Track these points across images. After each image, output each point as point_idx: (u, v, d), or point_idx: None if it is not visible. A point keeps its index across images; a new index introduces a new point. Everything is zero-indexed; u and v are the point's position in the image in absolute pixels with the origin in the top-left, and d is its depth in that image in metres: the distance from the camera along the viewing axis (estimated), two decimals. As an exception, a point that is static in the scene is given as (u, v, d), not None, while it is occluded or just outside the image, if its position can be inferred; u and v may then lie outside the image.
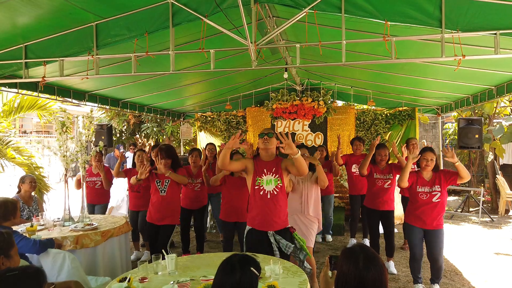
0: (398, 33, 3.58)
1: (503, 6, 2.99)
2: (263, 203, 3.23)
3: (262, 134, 3.28)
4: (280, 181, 3.23)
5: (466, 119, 7.84)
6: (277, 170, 3.24)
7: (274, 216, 3.22)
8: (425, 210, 3.95)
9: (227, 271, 1.66)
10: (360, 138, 6.15)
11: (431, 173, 4.01)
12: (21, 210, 4.60)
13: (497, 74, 4.89)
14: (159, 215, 4.31)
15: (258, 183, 3.26)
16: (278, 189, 3.23)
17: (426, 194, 3.94)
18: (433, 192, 3.92)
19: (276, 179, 3.23)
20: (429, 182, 3.96)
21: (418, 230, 4.02)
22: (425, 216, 3.95)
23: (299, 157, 3.04)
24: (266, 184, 3.23)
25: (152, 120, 11.26)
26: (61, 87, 5.55)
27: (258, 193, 3.26)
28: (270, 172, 3.25)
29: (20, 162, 6.56)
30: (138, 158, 5.42)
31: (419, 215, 3.99)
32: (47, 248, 3.29)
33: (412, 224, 4.05)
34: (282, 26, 3.65)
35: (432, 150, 4.02)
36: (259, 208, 3.25)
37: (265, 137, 3.25)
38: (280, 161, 3.29)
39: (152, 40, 3.80)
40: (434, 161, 3.96)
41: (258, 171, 3.28)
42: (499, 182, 8.87)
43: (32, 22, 3.54)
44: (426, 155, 3.97)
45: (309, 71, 7.33)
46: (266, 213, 3.23)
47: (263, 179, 3.25)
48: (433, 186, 3.94)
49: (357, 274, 1.51)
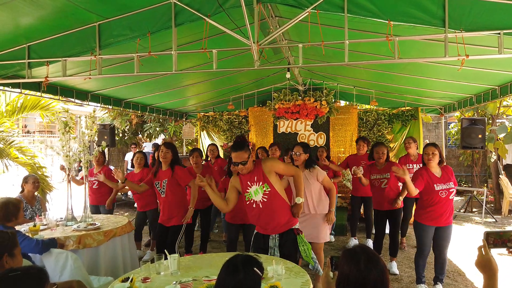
0: (401, 33, 3.56)
1: (507, 6, 2.97)
2: (258, 213, 3.19)
3: (235, 163, 3.12)
4: (266, 187, 3.14)
5: (469, 119, 7.82)
6: (260, 177, 3.15)
7: (272, 222, 3.19)
8: (442, 208, 3.91)
9: (230, 271, 1.65)
10: (365, 138, 6.13)
11: (439, 169, 3.97)
12: (24, 210, 4.61)
13: (500, 74, 4.86)
14: (166, 217, 4.31)
15: (248, 198, 3.21)
16: (267, 195, 3.14)
17: (445, 191, 3.90)
18: (450, 189, 3.90)
19: (261, 187, 3.15)
20: (441, 179, 3.92)
21: (431, 229, 3.99)
22: (441, 214, 3.92)
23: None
24: (254, 195, 3.17)
25: (155, 120, 11.27)
26: (64, 87, 5.56)
27: (251, 206, 3.22)
28: (253, 182, 3.17)
29: (23, 162, 6.59)
30: (137, 160, 5.44)
31: (435, 213, 3.93)
32: (50, 248, 3.30)
33: (426, 223, 3.99)
34: (284, 26, 3.65)
35: (433, 145, 4.01)
36: (257, 218, 3.24)
37: (239, 166, 3.11)
38: (260, 164, 3.19)
39: (155, 40, 3.80)
40: (438, 155, 3.93)
41: (244, 187, 3.22)
42: (502, 182, 8.83)
43: (35, 22, 3.54)
44: (427, 150, 3.95)
45: (311, 71, 7.31)
46: (264, 220, 3.21)
47: (250, 193, 3.19)
48: (447, 182, 3.91)
49: (358, 275, 1.51)
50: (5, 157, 6.45)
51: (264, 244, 3.24)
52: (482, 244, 1.63)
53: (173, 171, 4.21)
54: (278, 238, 3.20)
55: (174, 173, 4.21)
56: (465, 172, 11.61)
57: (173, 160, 4.25)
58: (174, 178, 4.22)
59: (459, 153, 11.62)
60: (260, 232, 3.30)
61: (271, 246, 3.20)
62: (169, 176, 4.22)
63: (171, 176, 4.21)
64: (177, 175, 4.21)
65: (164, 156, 4.20)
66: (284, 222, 3.20)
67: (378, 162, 4.85)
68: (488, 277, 1.59)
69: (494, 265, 1.58)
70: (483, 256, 1.60)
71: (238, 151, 3.09)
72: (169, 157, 4.22)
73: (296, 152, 4.03)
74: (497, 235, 1.66)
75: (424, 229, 4.03)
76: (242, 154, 3.09)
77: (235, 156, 3.10)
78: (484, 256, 1.60)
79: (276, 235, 3.21)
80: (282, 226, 3.20)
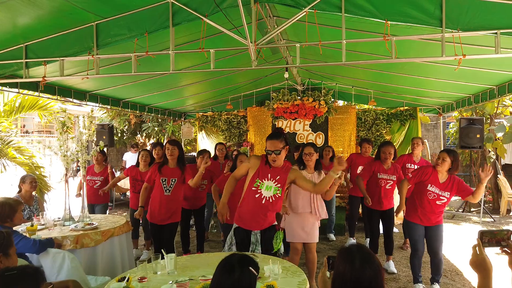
0: (399, 33, 3.57)
1: (503, 6, 2.98)
2: (256, 206, 3.17)
3: (269, 151, 3.11)
4: (279, 191, 3.15)
5: (467, 119, 7.84)
6: (281, 179, 3.14)
7: (261, 220, 3.20)
8: (427, 209, 3.94)
9: (226, 270, 1.65)
10: (370, 141, 6.14)
11: (447, 176, 3.93)
12: (22, 210, 4.61)
13: (498, 73, 4.87)
14: (163, 216, 4.31)
15: (256, 185, 3.17)
16: (274, 198, 3.15)
17: (434, 195, 3.92)
18: (441, 196, 3.91)
19: (277, 187, 3.14)
20: (442, 185, 3.92)
21: (419, 227, 4.03)
22: (427, 215, 3.96)
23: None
24: (265, 189, 3.15)
25: (153, 120, 11.26)
26: (62, 87, 5.55)
27: (253, 195, 3.18)
28: (273, 179, 3.15)
29: (21, 161, 6.58)
30: (142, 158, 5.42)
31: (420, 214, 3.99)
32: (47, 247, 3.29)
33: (414, 221, 4.05)
34: (281, 26, 3.65)
35: (448, 152, 3.91)
36: (250, 209, 3.21)
37: (272, 155, 3.10)
38: (288, 171, 3.18)
39: (152, 40, 3.80)
40: (449, 162, 3.86)
41: (261, 173, 3.18)
42: (500, 182, 8.84)
43: (33, 22, 3.54)
44: (441, 155, 3.91)
45: (310, 71, 7.32)
46: (255, 216, 3.20)
47: (263, 183, 3.16)
48: (443, 191, 3.91)
49: (353, 274, 1.51)
50: (3, 157, 6.45)
51: (246, 239, 3.23)
52: (477, 243, 1.62)
53: (183, 170, 4.26)
54: (260, 234, 3.21)
55: (185, 171, 4.26)
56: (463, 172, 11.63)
57: (180, 156, 4.28)
58: (182, 177, 4.28)
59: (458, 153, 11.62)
60: (241, 227, 3.27)
61: (253, 242, 3.20)
62: (178, 175, 4.27)
63: (181, 175, 4.26)
64: (188, 173, 4.29)
65: (171, 153, 4.23)
66: (269, 221, 3.25)
67: (384, 162, 4.86)
68: (482, 277, 1.59)
69: (489, 264, 1.58)
70: (478, 256, 1.60)
71: (274, 139, 3.12)
72: (176, 154, 4.25)
73: (309, 152, 4.01)
74: (492, 234, 1.67)
75: (412, 227, 4.08)
76: (277, 143, 3.10)
77: (269, 144, 3.12)
78: (479, 256, 1.60)
79: (258, 231, 3.21)
80: (266, 224, 3.23)
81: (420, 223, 4.01)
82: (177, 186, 4.30)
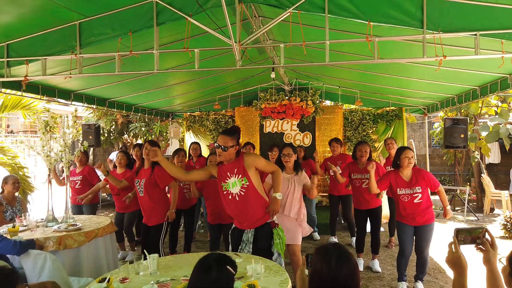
0: (381, 34, 3.61)
1: (483, 8, 3.04)
2: (234, 205, 3.19)
3: (217, 145, 3.13)
4: (245, 180, 3.13)
5: (452, 119, 7.96)
6: (240, 170, 3.13)
7: (248, 216, 3.20)
8: (410, 210, 3.97)
9: (203, 270, 1.66)
10: (338, 140, 6.16)
11: (410, 172, 3.98)
12: (5, 212, 4.54)
13: (480, 74, 4.95)
14: (145, 216, 4.30)
15: (224, 188, 3.20)
16: (244, 189, 3.13)
17: (407, 196, 3.94)
18: (414, 194, 3.91)
19: (240, 180, 3.13)
20: (408, 183, 3.95)
21: (408, 227, 4.04)
22: (412, 216, 3.98)
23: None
24: (232, 187, 3.16)
25: (140, 119, 11.18)
26: (46, 86, 5.48)
27: (227, 197, 3.21)
28: (232, 174, 3.15)
29: (3, 162, 6.48)
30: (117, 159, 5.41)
31: (406, 215, 4.01)
32: (28, 249, 3.24)
33: (403, 222, 4.07)
34: (265, 26, 3.66)
35: (410, 148, 4.04)
36: (232, 210, 3.24)
37: (219, 150, 3.12)
38: (242, 158, 3.17)
39: (137, 39, 3.77)
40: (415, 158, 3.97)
41: (221, 177, 3.20)
42: (484, 181, 9.00)
43: (14, 20, 3.50)
44: (407, 153, 3.94)
45: (296, 71, 7.35)
46: (240, 214, 3.22)
47: (228, 183, 3.17)
48: (413, 187, 3.92)
49: (329, 272, 1.53)
50: (-15, 157, 6.34)
51: (239, 239, 3.24)
52: (452, 241, 1.65)
53: (153, 171, 4.16)
54: (253, 232, 3.21)
55: (153, 173, 4.15)
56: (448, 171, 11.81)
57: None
58: (152, 178, 4.15)
59: (443, 153, 11.80)
60: (237, 227, 3.31)
61: (244, 241, 3.20)
62: (147, 176, 4.16)
63: (149, 175, 4.16)
64: (156, 175, 4.13)
65: (148, 154, 4.13)
66: (260, 217, 3.21)
67: (360, 160, 4.89)
68: (458, 274, 1.62)
69: (464, 262, 1.61)
70: (453, 253, 1.63)
71: (225, 135, 3.13)
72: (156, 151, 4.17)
73: (288, 153, 4.01)
74: (467, 232, 1.70)
75: (400, 227, 4.10)
76: (226, 140, 3.10)
77: (219, 139, 3.12)
78: (454, 253, 1.63)
79: (251, 230, 3.21)
80: (257, 221, 3.20)
81: (408, 223, 4.03)
82: (147, 187, 4.15)
